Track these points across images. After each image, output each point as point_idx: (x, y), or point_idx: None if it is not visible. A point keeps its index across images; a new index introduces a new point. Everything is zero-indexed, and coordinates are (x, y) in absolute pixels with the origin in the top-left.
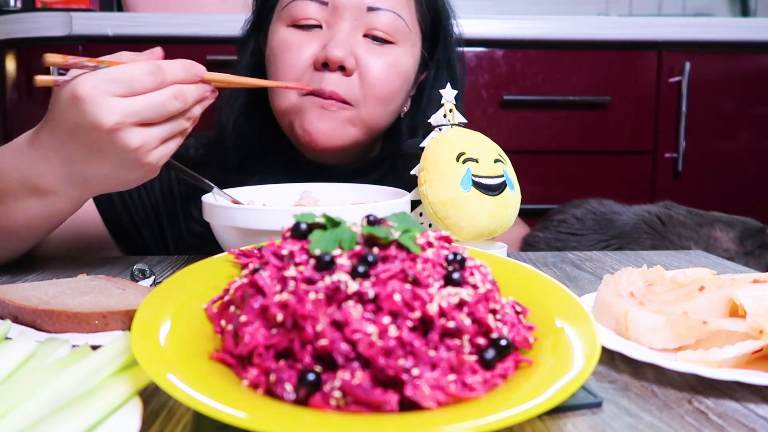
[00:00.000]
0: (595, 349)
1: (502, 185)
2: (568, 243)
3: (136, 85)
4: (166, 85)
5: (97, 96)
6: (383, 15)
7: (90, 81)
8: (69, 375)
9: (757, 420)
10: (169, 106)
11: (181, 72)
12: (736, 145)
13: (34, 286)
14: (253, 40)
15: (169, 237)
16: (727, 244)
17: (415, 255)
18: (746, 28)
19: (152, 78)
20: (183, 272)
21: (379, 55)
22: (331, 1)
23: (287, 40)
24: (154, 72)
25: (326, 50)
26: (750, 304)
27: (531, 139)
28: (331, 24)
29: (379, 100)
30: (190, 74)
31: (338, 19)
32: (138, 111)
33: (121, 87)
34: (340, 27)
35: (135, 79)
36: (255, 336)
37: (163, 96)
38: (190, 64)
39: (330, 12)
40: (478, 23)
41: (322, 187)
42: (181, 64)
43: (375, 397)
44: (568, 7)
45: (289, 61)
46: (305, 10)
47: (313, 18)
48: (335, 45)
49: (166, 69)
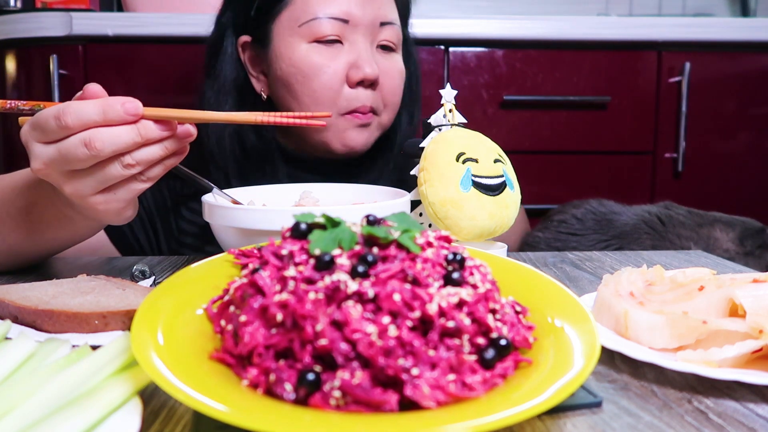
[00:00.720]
0: (595, 349)
1: (502, 185)
2: (568, 243)
3: (46, 131)
4: (74, 130)
5: (27, 142)
6: (389, 28)
7: (25, 127)
8: (69, 375)
9: (757, 420)
10: (77, 154)
11: (94, 113)
12: (736, 145)
13: (34, 286)
14: (230, 43)
15: (162, 238)
16: (727, 245)
17: (414, 255)
18: (746, 28)
19: (55, 123)
20: (183, 272)
21: (390, 63)
22: (351, 19)
23: (316, 61)
24: (56, 115)
25: (361, 69)
26: (750, 303)
27: (531, 139)
28: (349, 39)
29: (395, 105)
30: (111, 115)
31: (357, 35)
32: (52, 158)
33: (37, 133)
34: (363, 44)
35: (43, 124)
36: (255, 336)
37: (69, 143)
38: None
39: (349, 28)
40: (478, 23)
41: (322, 187)
42: (96, 104)
43: (375, 396)
44: (568, 7)
45: (326, 83)
46: (328, 28)
47: (333, 34)
48: (367, 63)
49: (71, 112)
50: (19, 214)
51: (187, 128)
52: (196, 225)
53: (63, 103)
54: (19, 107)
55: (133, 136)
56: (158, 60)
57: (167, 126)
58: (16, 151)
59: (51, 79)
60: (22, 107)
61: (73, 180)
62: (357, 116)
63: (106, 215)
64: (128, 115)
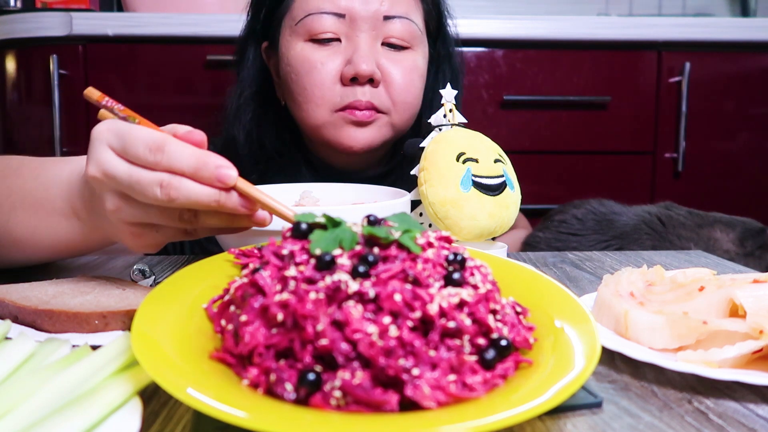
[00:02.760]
0: (596, 350)
1: (502, 185)
2: (569, 243)
3: (130, 150)
4: (160, 168)
5: (98, 140)
6: (398, 22)
7: (105, 125)
8: (69, 375)
9: (757, 420)
10: (147, 191)
11: (186, 163)
12: (736, 145)
13: (34, 286)
14: (252, 50)
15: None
16: (728, 245)
17: (415, 255)
18: (746, 28)
19: (147, 152)
20: (183, 272)
21: (399, 62)
22: (348, 14)
23: (309, 58)
24: (152, 147)
25: (353, 65)
26: (750, 304)
27: (531, 139)
28: (349, 36)
29: (408, 105)
30: (203, 173)
31: (357, 31)
32: (116, 175)
33: (119, 144)
34: (361, 39)
35: (133, 143)
36: (255, 336)
37: (145, 176)
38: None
39: (347, 24)
40: (478, 23)
41: (322, 187)
42: (194, 155)
43: (375, 396)
44: (568, 7)
45: (317, 80)
46: (322, 23)
47: (331, 31)
48: (362, 59)
49: (168, 151)
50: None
51: (264, 216)
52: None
53: (161, 135)
54: (114, 109)
55: (211, 201)
56: (158, 60)
57: (250, 205)
58: (16, 151)
59: (51, 79)
60: (117, 111)
61: (122, 201)
62: (352, 112)
63: (130, 243)
64: (218, 183)
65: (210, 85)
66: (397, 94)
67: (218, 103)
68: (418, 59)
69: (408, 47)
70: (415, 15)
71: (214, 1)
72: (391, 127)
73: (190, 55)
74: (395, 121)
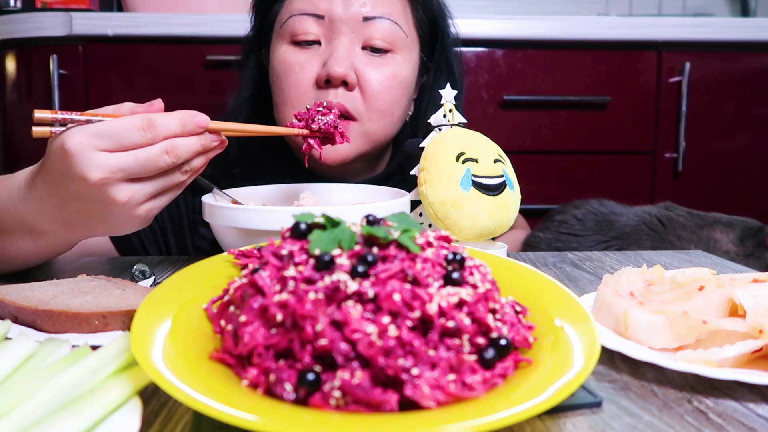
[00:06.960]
0: (595, 349)
1: (501, 185)
2: (569, 244)
3: (124, 141)
4: (158, 140)
5: (83, 150)
6: (380, 23)
7: (78, 135)
8: (69, 375)
9: (757, 419)
10: (158, 162)
11: (175, 126)
12: (736, 145)
13: (34, 286)
14: (254, 56)
15: (174, 252)
16: (728, 246)
17: (414, 255)
18: (746, 28)
19: (141, 134)
20: (183, 272)
21: (378, 66)
22: (328, 15)
23: (289, 60)
24: (143, 127)
25: (327, 67)
26: (750, 303)
27: (531, 139)
28: (329, 39)
29: (382, 112)
30: (188, 127)
31: (336, 34)
32: (124, 167)
33: (109, 142)
34: (339, 42)
35: (123, 134)
36: (255, 336)
37: (152, 152)
38: (188, 115)
39: (327, 26)
40: (478, 23)
41: (322, 187)
42: (176, 117)
43: (375, 396)
44: (568, 7)
45: (293, 82)
46: (303, 25)
47: (312, 33)
48: (335, 61)
49: (157, 123)
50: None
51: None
52: (211, 242)
53: (141, 116)
54: (73, 117)
55: (198, 146)
56: (158, 60)
57: (219, 136)
58: (16, 151)
59: (51, 79)
60: (76, 117)
61: (132, 186)
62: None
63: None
64: (199, 128)
65: (210, 85)
66: (371, 100)
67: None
68: (401, 65)
69: (390, 50)
70: (401, 18)
71: (214, 1)
72: (365, 137)
73: (190, 55)
74: (369, 130)
